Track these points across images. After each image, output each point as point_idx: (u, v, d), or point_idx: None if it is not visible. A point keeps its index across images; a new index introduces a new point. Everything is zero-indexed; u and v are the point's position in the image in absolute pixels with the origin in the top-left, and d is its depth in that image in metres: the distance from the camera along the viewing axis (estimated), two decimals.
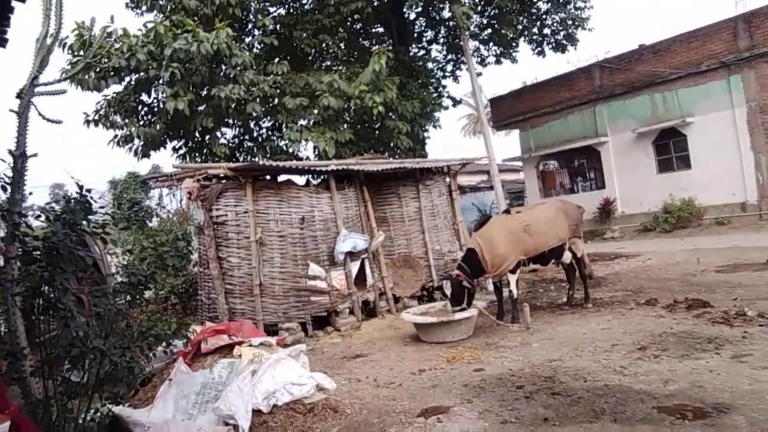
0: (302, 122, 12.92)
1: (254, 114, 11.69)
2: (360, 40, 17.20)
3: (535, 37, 19.19)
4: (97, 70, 10.07)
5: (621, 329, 6.48)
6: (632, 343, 5.82)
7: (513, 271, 7.55)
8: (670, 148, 17.54)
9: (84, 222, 3.70)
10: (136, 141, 11.84)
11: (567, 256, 8.22)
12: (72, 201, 3.73)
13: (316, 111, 12.23)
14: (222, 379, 4.94)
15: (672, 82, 17.07)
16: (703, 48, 16.40)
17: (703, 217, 16.40)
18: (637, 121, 18.09)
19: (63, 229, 3.34)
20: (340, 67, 14.08)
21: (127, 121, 11.78)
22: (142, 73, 10.76)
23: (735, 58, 15.65)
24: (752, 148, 15.59)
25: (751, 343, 5.29)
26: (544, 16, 18.83)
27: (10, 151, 3.77)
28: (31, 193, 3.85)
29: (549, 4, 18.39)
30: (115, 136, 11.95)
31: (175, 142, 13.12)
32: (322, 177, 9.09)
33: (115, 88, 11.28)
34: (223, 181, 8.33)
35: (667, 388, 4.43)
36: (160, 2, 12.55)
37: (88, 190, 3.96)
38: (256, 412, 4.51)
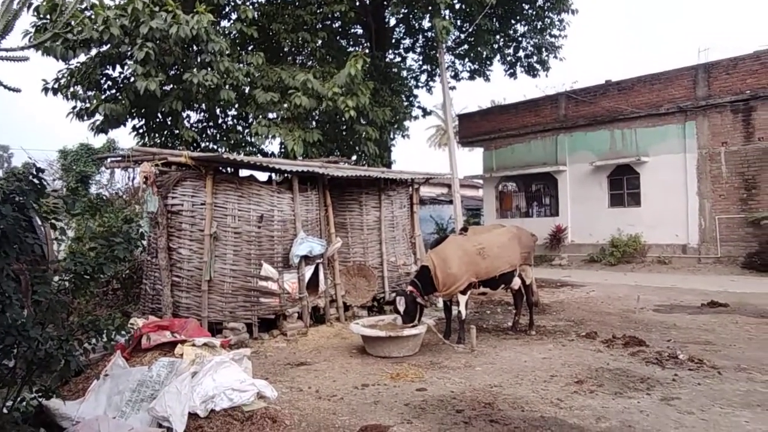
0: (271, 115, 12.71)
1: (226, 100, 11.37)
2: (338, 38, 17.13)
3: (509, 58, 19.59)
4: (66, 39, 9.59)
5: (560, 360, 6.68)
6: (570, 375, 6.00)
7: (463, 292, 7.64)
8: (623, 184, 18.25)
9: (35, 205, 3.53)
10: (98, 116, 11.34)
11: (516, 282, 8.42)
12: (23, 181, 3.55)
13: (285, 106, 12.05)
14: (160, 378, 4.80)
15: (632, 120, 17.78)
16: (664, 91, 17.16)
17: (646, 255, 17.14)
18: (595, 154, 18.74)
19: (13, 213, 3.17)
20: (315, 65, 13.95)
21: (90, 93, 11.26)
22: (112, 47, 10.31)
23: (692, 105, 16.44)
24: (698, 193, 16.39)
25: (680, 386, 5.55)
26: (520, 39, 19.25)
27: None
28: None
29: (526, 28, 18.80)
30: (74, 107, 11.43)
31: (136, 121, 12.67)
32: (285, 176, 8.97)
33: (79, 58, 10.76)
34: (183, 169, 8.11)
35: (599, 425, 4.59)
36: None
37: (42, 170, 3.78)
38: (193, 416, 4.40)
